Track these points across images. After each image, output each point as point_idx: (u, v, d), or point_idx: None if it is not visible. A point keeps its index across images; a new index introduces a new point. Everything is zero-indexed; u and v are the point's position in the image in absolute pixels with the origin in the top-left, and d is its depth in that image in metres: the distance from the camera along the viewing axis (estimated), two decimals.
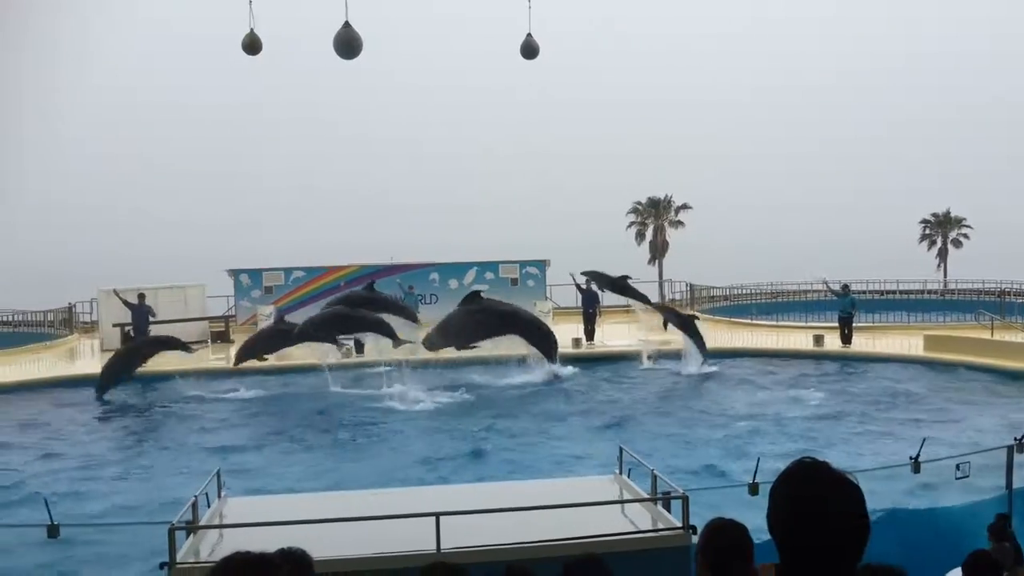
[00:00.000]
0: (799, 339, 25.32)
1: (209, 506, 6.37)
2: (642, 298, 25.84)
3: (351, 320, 21.75)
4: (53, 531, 7.02)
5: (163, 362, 23.65)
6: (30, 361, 24.96)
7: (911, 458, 8.69)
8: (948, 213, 46.84)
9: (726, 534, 3.54)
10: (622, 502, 6.16)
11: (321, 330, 20.70)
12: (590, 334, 25.96)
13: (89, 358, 26.21)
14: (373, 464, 14.30)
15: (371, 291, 24.04)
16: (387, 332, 21.68)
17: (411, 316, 24.25)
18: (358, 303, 22.62)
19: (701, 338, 22.64)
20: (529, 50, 14.88)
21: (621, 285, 25.42)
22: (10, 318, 31.91)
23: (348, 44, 12.61)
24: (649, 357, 23.55)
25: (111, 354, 21.71)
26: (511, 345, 21.70)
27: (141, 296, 24.72)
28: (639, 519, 5.77)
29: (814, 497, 2.11)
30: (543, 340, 21.87)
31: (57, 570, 8.72)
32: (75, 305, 31.34)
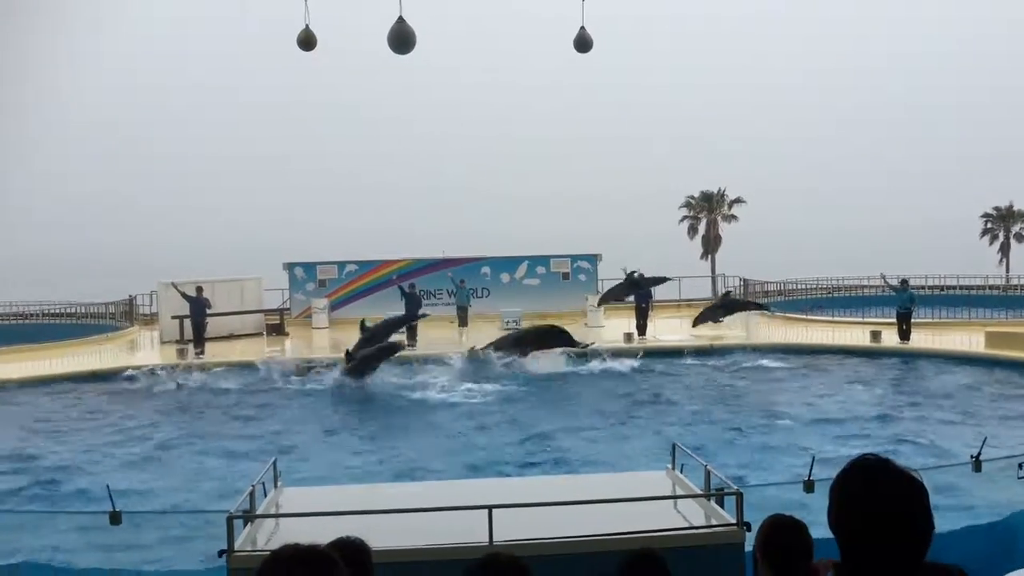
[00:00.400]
0: (856, 335, 24.94)
1: (266, 495, 6.46)
2: (660, 280, 28.02)
3: (384, 351, 21.83)
4: (115, 518, 7.19)
5: (223, 352, 24.18)
6: (92, 352, 25.61)
7: (972, 456, 8.51)
8: (1011, 207, 45.75)
9: (790, 533, 3.52)
10: (675, 497, 6.13)
11: (369, 367, 21.02)
12: (642, 329, 25.84)
13: (149, 350, 26.81)
14: (422, 455, 14.37)
15: (365, 329, 23.75)
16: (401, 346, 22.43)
17: (417, 316, 25.31)
18: (384, 330, 23.47)
19: (747, 302, 24.46)
20: (582, 43, 14.81)
21: (632, 283, 26.59)
22: (74, 310, 32.82)
23: (402, 39, 12.70)
24: (698, 352, 23.36)
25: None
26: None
27: (199, 289, 25.19)
28: (692, 515, 5.73)
29: (877, 495, 2.08)
30: (559, 338, 23.11)
31: (120, 555, 8.92)
32: (135, 297, 32.10)
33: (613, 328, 27.14)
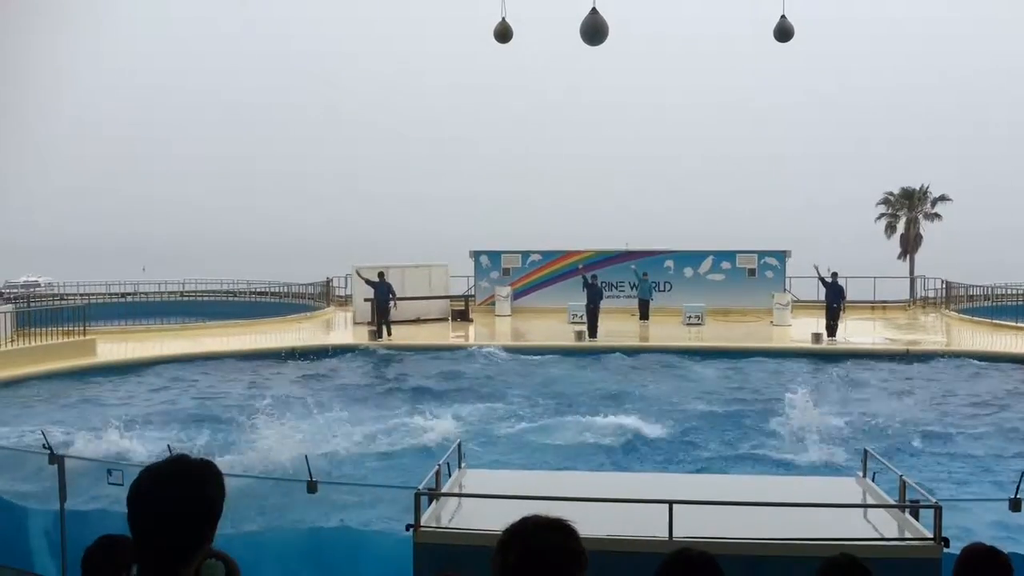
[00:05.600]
0: None
1: (450, 475, 6.69)
2: None
3: None
4: (312, 487, 7.63)
5: (411, 335, 25.19)
6: (293, 330, 27.26)
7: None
8: None
9: (987, 562, 3.33)
10: (867, 506, 5.88)
11: None
12: (831, 330, 24.77)
13: (342, 329, 28.23)
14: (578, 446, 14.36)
15: None
16: None
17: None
18: None
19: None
20: (783, 33, 14.33)
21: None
22: (277, 289, 35.09)
23: (595, 30, 12.73)
24: (892, 357, 22.17)
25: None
26: None
27: (381, 274, 26.09)
28: (885, 526, 5.47)
29: None
30: None
31: (314, 521, 9.48)
32: (332, 280, 33.87)
33: (801, 327, 26.22)
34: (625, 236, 36.60)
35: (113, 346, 22.95)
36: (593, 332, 24.97)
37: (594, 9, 12.63)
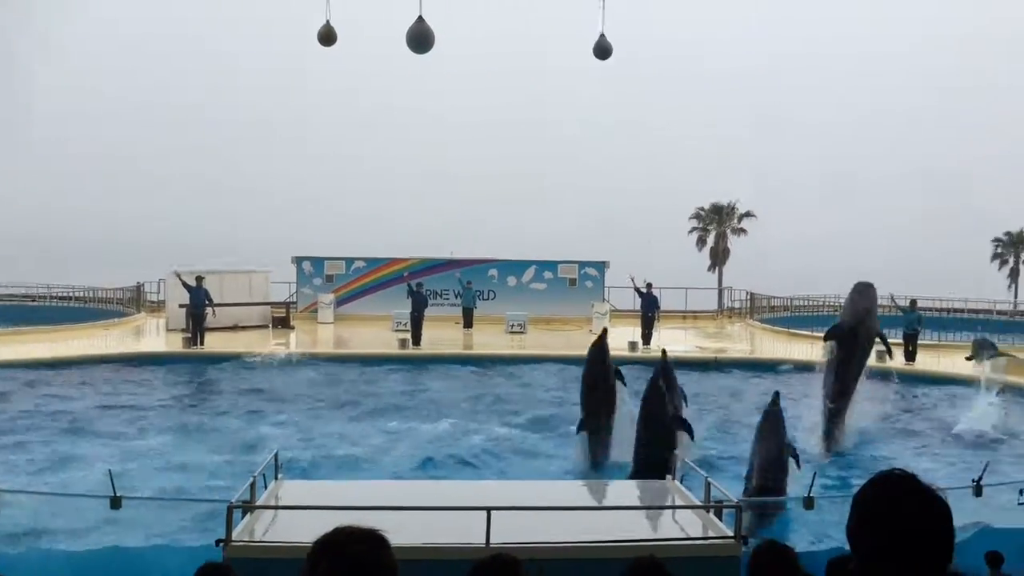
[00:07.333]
0: None
1: (266, 487, 6.48)
2: None
3: None
4: (115, 503, 7.21)
5: (228, 342, 24.30)
6: (99, 337, 25.67)
7: (973, 481, 8.50)
8: (1022, 233, 45.60)
9: (775, 558, 3.54)
10: (674, 507, 6.14)
11: None
12: (647, 338, 25.82)
13: (154, 336, 26.89)
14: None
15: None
16: None
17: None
18: None
19: None
20: (602, 51, 14.85)
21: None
22: (82, 294, 32.98)
23: (421, 38, 12.75)
24: (700, 365, 23.34)
25: None
26: None
27: (199, 279, 24.91)
28: (690, 526, 5.74)
29: (900, 511, 2.02)
30: None
31: (117, 539, 8.95)
32: (143, 285, 32.18)
33: (618, 336, 27.04)
34: (450, 245, 36.64)
35: None
36: (417, 340, 24.93)
37: (420, 17, 12.64)
